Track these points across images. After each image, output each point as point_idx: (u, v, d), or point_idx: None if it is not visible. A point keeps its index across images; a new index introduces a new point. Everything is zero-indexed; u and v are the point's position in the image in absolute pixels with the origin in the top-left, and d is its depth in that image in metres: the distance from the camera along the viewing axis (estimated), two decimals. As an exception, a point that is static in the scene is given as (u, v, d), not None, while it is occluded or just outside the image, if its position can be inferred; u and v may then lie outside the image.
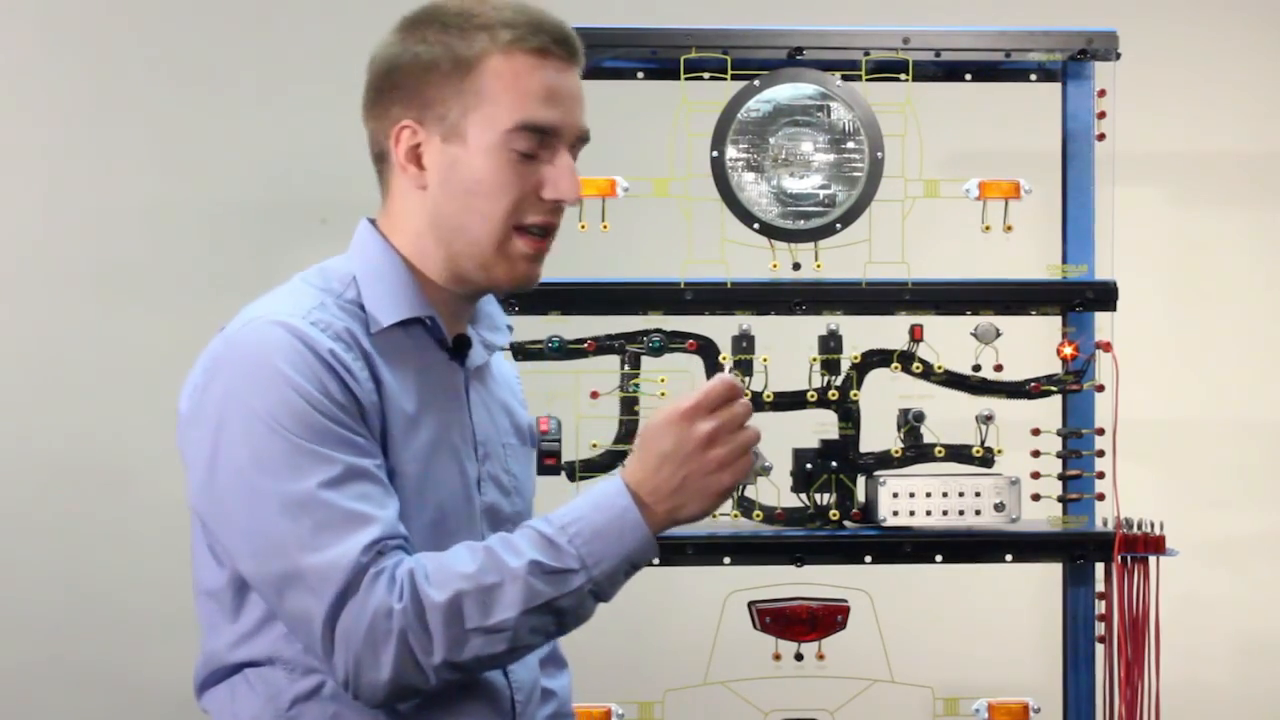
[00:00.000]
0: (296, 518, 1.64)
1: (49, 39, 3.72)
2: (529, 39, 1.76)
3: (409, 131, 1.78)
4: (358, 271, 1.81)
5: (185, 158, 3.72)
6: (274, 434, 1.65)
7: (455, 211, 1.77)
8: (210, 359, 1.77)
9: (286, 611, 1.66)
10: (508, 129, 1.74)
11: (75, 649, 3.66)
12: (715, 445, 1.72)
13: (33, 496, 3.65)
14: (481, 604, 1.63)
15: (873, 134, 2.71)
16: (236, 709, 1.75)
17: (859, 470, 2.72)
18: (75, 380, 3.68)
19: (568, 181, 1.77)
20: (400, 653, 1.63)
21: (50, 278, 3.70)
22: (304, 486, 1.64)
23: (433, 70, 1.76)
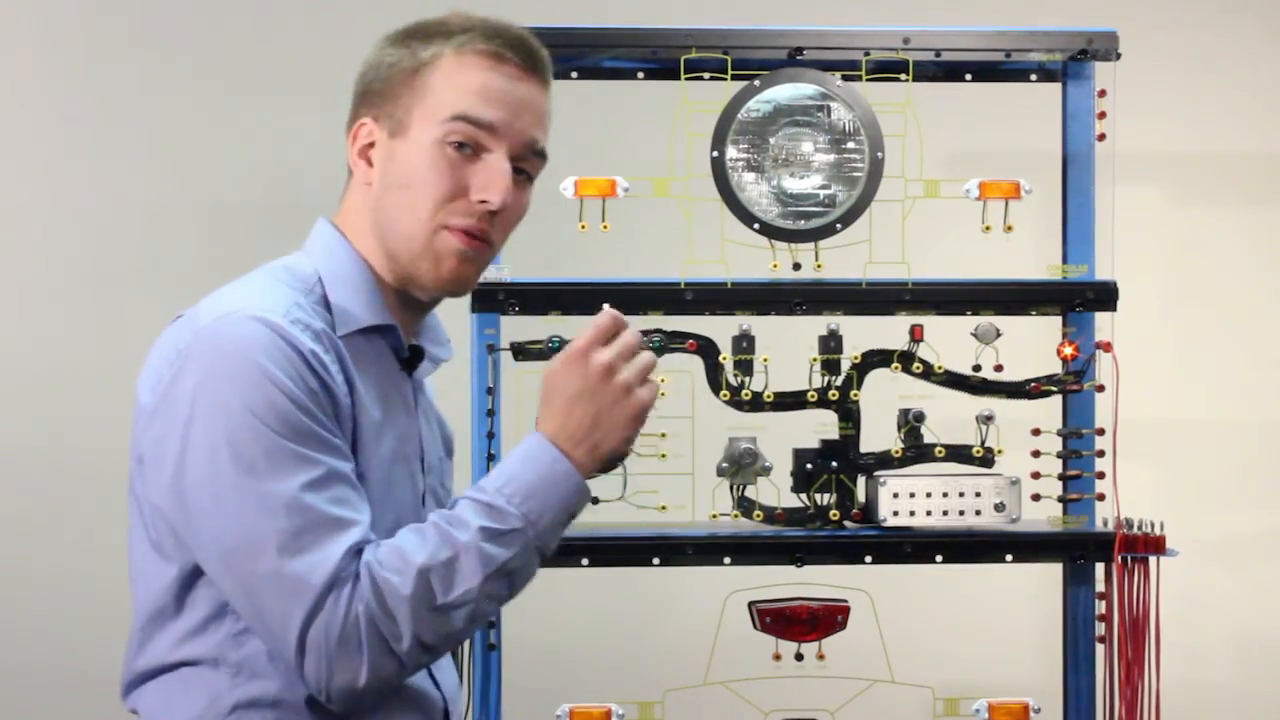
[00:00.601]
0: (278, 519, 1.61)
1: (49, 39, 3.72)
2: (480, 41, 1.78)
3: (365, 130, 1.82)
4: (323, 272, 1.80)
5: (185, 158, 3.72)
6: (256, 432, 1.62)
7: (389, 204, 1.79)
8: (178, 350, 1.72)
9: (256, 615, 1.64)
10: (443, 119, 1.75)
11: (75, 649, 3.66)
12: (617, 373, 1.73)
13: (32, 496, 3.65)
14: (444, 580, 1.64)
15: (873, 134, 2.71)
16: (172, 708, 1.71)
17: (859, 470, 2.72)
18: (74, 380, 3.68)
19: (496, 185, 1.76)
20: (373, 650, 1.62)
21: (50, 277, 3.70)
22: (286, 487, 1.61)
23: (393, 71, 1.80)
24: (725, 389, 2.70)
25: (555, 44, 2.71)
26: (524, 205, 1.83)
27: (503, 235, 1.82)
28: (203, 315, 1.74)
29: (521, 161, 1.79)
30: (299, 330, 1.69)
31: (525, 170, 1.81)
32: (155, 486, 1.69)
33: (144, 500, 1.72)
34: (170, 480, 1.66)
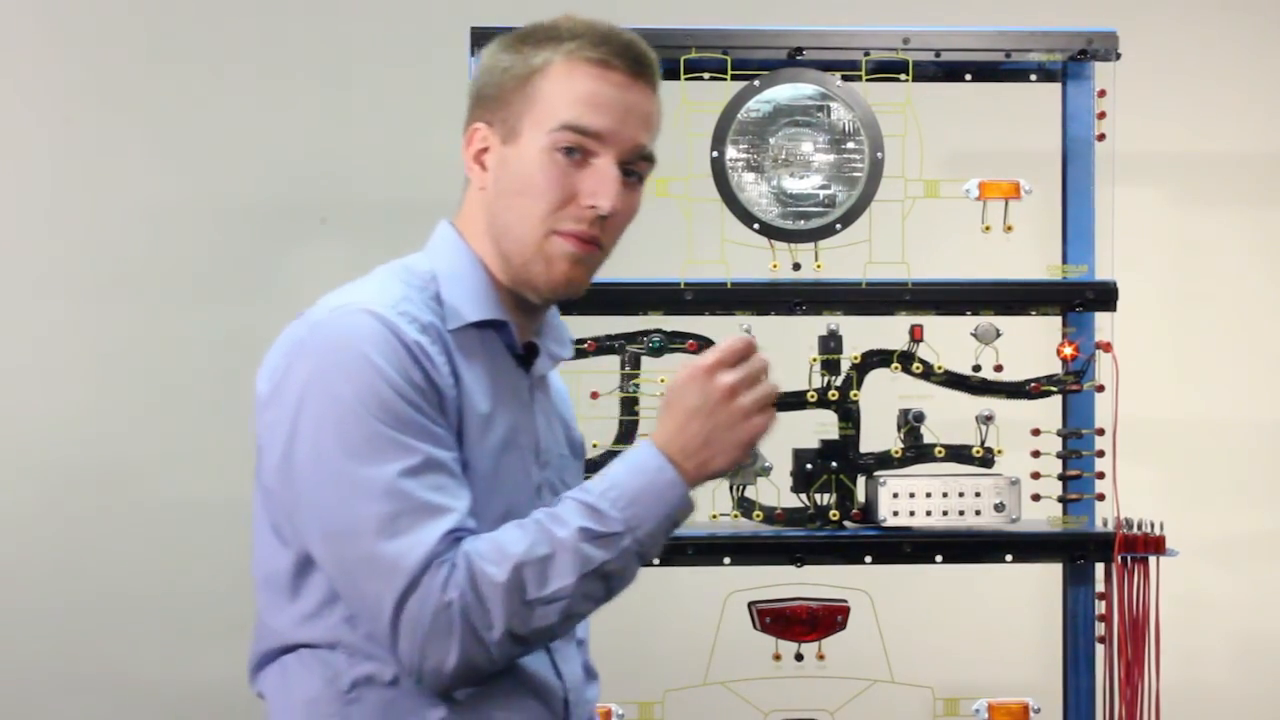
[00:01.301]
0: (375, 503, 1.66)
1: (49, 38, 3.72)
2: (590, 49, 1.81)
3: (479, 135, 1.85)
4: (439, 270, 1.84)
5: (185, 158, 3.72)
6: (358, 419, 1.68)
7: (503, 210, 1.83)
8: (292, 343, 1.79)
9: (355, 596, 1.69)
10: (552, 129, 1.79)
11: (75, 649, 3.66)
12: (738, 396, 1.75)
13: (33, 496, 3.65)
14: (538, 575, 1.68)
15: (873, 134, 2.71)
16: (291, 688, 1.76)
17: (859, 470, 2.72)
18: (74, 380, 3.68)
19: (605, 190, 1.79)
20: (464, 636, 1.66)
21: (50, 277, 3.70)
22: (385, 472, 1.66)
23: (505, 77, 1.83)
24: (725, 389, 2.69)
25: (555, 44, 2.73)
26: (634, 207, 1.87)
27: (613, 238, 1.86)
28: (319, 310, 1.81)
29: (630, 165, 1.83)
30: (406, 323, 1.74)
31: (635, 172, 1.85)
32: (268, 472, 1.74)
33: (264, 486, 1.78)
34: (280, 465, 1.72)
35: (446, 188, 3.23)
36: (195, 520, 3.68)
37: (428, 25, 3.71)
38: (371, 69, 3.76)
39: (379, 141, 3.74)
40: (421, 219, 3.80)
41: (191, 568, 3.68)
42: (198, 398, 3.70)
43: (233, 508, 3.66)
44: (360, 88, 3.75)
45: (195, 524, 3.68)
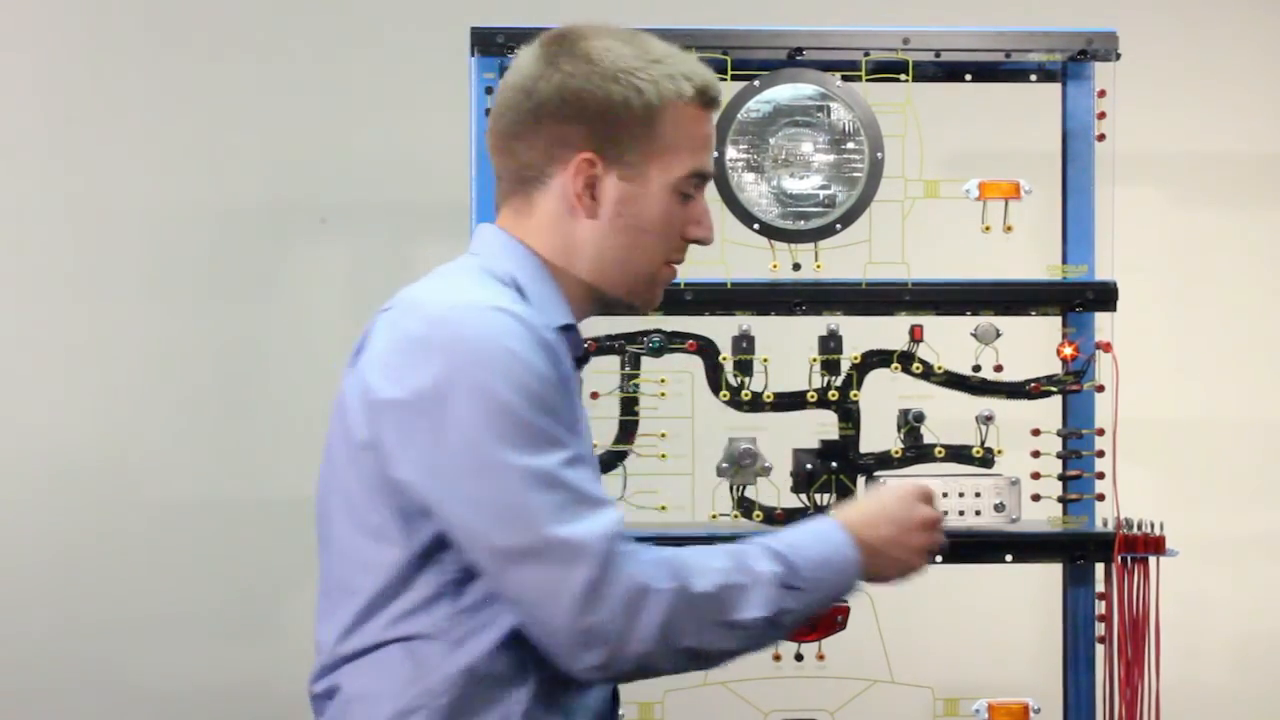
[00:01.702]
0: (544, 491, 1.68)
1: (49, 38, 3.72)
2: (703, 94, 1.88)
3: (588, 163, 1.84)
4: (512, 273, 1.85)
5: (185, 158, 3.72)
6: (513, 412, 1.69)
7: (623, 244, 1.87)
8: (411, 340, 1.75)
9: (519, 583, 1.69)
10: (682, 175, 1.87)
11: (75, 649, 3.66)
12: (925, 531, 1.91)
13: (33, 496, 3.65)
14: (737, 600, 1.73)
15: (873, 134, 2.71)
16: (380, 683, 1.76)
17: (859, 470, 2.72)
18: (75, 380, 3.68)
19: (709, 224, 1.92)
20: (658, 631, 1.69)
21: (49, 277, 3.69)
22: (547, 463, 1.68)
23: (623, 111, 1.84)
24: (725, 389, 2.70)
25: (555, 44, 2.73)
26: None
27: None
28: (429, 305, 1.77)
29: None
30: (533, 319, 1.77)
31: None
32: (402, 466, 1.72)
33: (361, 487, 1.76)
34: (426, 463, 1.70)
35: (447, 188, 3.25)
36: (195, 520, 3.68)
37: (428, 25, 3.71)
38: (372, 69, 3.76)
39: (379, 141, 3.74)
40: (421, 219, 3.82)
41: (191, 568, 3.68)
42: (198, 397, 3.70)
43: (233, 508, 3.69)
44: (360, 88, 3.75)
45: (195, 524, 3.68)
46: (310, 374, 3.69)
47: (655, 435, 2.67)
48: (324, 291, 3.73)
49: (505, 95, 1.88)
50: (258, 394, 3.72)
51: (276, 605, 3.69)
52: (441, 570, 1.74)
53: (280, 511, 3.67)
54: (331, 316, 3.71)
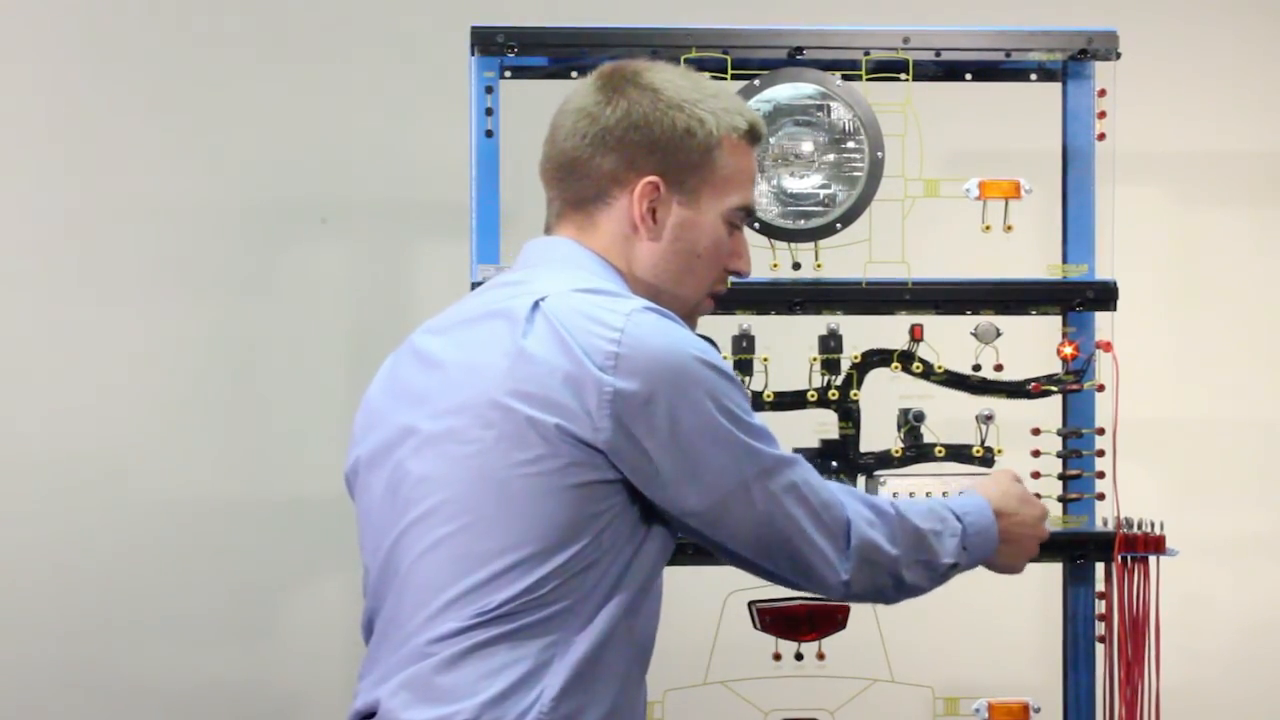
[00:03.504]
0: (773, 454, 1.92)
1: (50, 38, 3.72)
2: (753, 130, 1.99)
3: (653, 186, 1.93)
4: (610, 289, 1.91)
5: (185, 158, 3.72)
6: (729, 396, 1.91)
7: (678, 268, 1.97)
8: (614, 328, 1.82)
9: (787, 533, 1.90)
10: (734, 207, 1.98)
11: (75, 649, 3.66)
12: (1045, 521, 2.19)
13: (33, 496, 3.65)
14: (935, 546, 2.00)
15: (873, 134, 2.71)
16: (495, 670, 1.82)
17: (859, 470, 2.72)
18: (74, 379, 3.68)
19: (749, 257, 2.05)
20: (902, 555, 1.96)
21: (49, 277, 3.70)
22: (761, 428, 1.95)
23: (687, 140, 1.93)
24: (725, 389, 2.69)
25: (555, 44, 2.73)
26: None
27: None
28: (622, 304, 1.85)
29: None
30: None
31: None
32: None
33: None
34: (665, 438, 1.81)
35: (447, 188, 3.25)
36: (195, 520, 3.68)
37: (428, 25, 3.71)
38: (372, 69, 3.76)
39: (379, 142, 3.74)
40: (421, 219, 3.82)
41: (191, 568, 3.68)
42: (197, 397, 3.70)
43: (233, 508, 3.69)
44: (360, 88, 3.75)
45: (195, 524, 3.68)
46: (310, 374, 3.70)
47: (655, 435, 2.66)
48: (324, 291, 3.73)
49: (567, 120, 1.96)
50: (257, 394, 3.72)
51: (276, 605, 3.69)
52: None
53: (280, 511, 3.67)
54: (331, 316, 3.71)
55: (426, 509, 1.85)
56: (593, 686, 1.82)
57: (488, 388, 1.82)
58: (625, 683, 1.86)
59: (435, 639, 1.82)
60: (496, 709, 1.78)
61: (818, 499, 1.91)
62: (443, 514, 1.84)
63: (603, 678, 1.83)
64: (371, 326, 3.68)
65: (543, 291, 1.85)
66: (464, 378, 1.85)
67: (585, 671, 1.81)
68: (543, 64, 2.76)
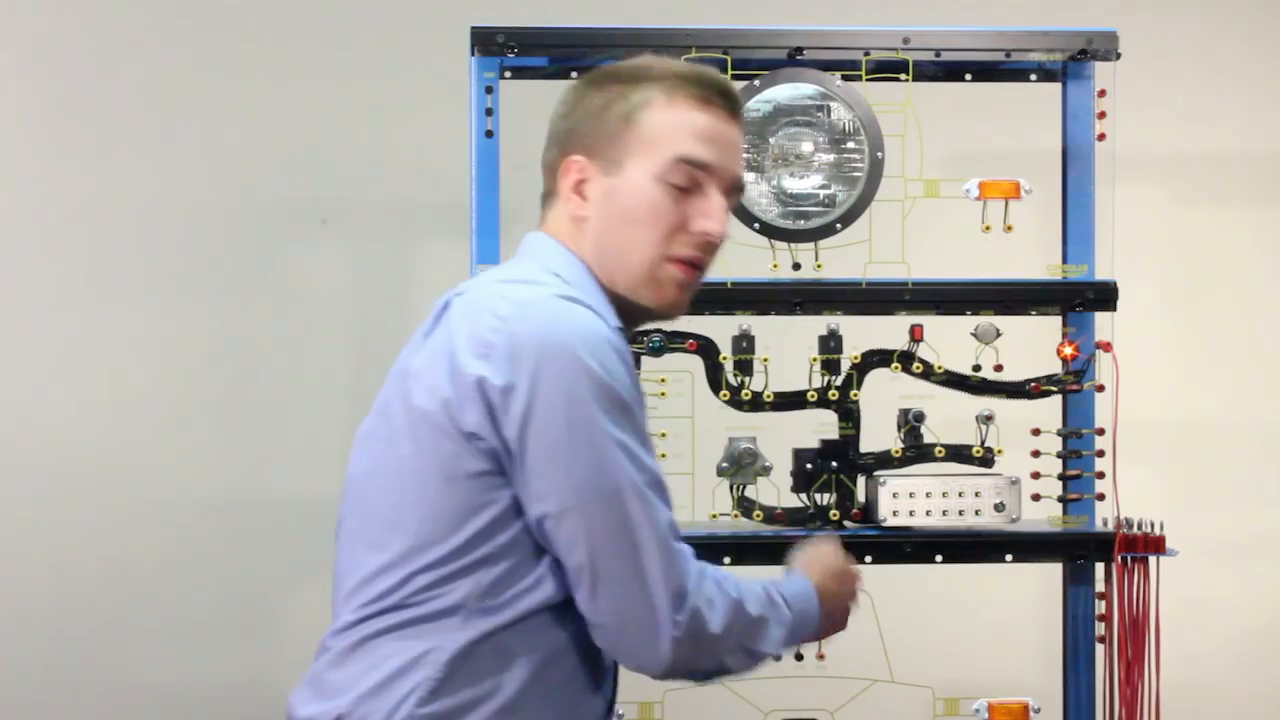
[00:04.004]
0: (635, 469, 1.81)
1: (49, 38, 3.72)
2: (692, 86, 1.92)
3: (577, 166, 1.92)
4: (566, 277, 1.89)
5: (186, 158, 3.72)
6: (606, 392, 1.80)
7: (616, 238, 1.91)
8: (498, 318, 1.80)
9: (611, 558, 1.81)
10: (666, 161, 1.89)
11: (75, 649, 3.66)
12: (855, 583, 2.10)
13: (33, 496, 3.65)
14: (763, 635, 1.90)
15: (873, 134, 2.71)
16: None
17: (859, 470, 2.72)
18: (75, 379, 3.68)
19: (717, 217, 1.91)
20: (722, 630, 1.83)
21: (50, 277, 3.70)
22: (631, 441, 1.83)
23: (605, 114, 1.92)
24: (725, 389, 2.70)
25: (555, 44, 2.73)
26: (728, 234, 1.98)
27: (711, 263, 1.96)
28: (526, 291, 1.83)
29: (728, 195, 1.94)
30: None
31: (730, 205, 1.96)
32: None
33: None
34: (520, 430, 1.78)
35: (447, 188, 3.25)
36: (195, 520, 3.68)
37: (428, 25, 3.71)
38: (372, 69, 3.76)
39: (379, 141, 3.74)
40: (421, 219, 3.82)
41: (191, 568, 3.67)
42: (197, 397, 3.70)
43: (233, 507, 3.69)
44: (360, 88, 3.75)
45: (195, 524, 3.68)
46: (310, 374, 3.70)
47: (655, 435, 2.67)
48: (324, 291, 3.73)
49: None
50: (257, 394, 3.72)
51: (276, 605, 3.69)
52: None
53: (281, 511, 3.67)
54: (331, 316, 3.71)
55: (348, 507, 1.91)
56: (478, 684, 1.78)
57: (398, 385, 1.86)
58: (539, 686, 1.81)
59: (333, 633, 1.85)
60: (369, 702, 1.78)
61: (667, 545, 1.77)
62: (353, 509, 1.90)
63: (491, 677, 1.79)
64: (371, 326, 3.69)
65: (468, 288, 1.89)
66: (390, 379, 1.90)
67: (465, 668, 1.78)
68: (543, 64, 2.76)
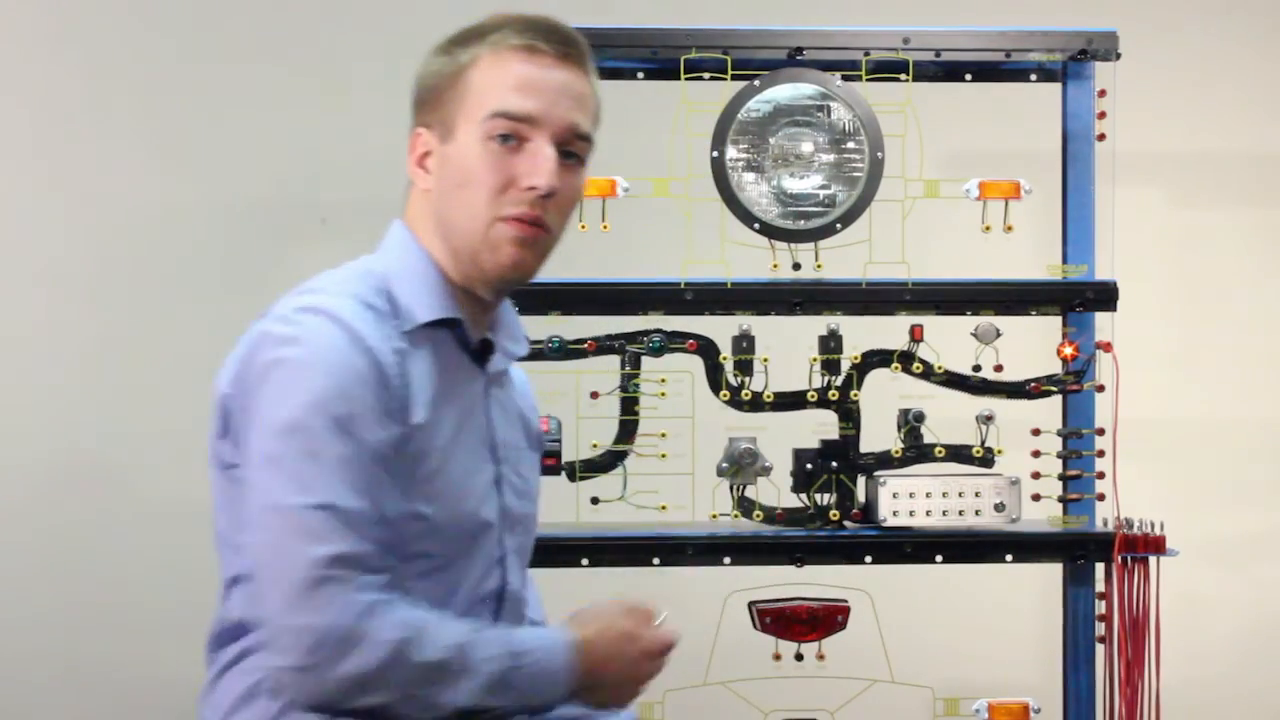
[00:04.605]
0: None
1: (49, 37, 3.72)
2: (515, 37, 1.84)
3: (421, 139, 1.90)
4: (391, 270, 1.87)
5: (185, 158, 3.72)
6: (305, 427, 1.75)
7: (448, 206, 1.86)
8: (251, 337, 1.84)
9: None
10: (483, 118, 1.82)
11: (75, 649, 3.66)
12: (650, 662, 1.86)
13: (33, 496, 3.65)
14: (449, 682, 1.72)
15: (873, 134, 2.71)
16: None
17: (859, 470, 2.72)
18: (75, 380, 3.68)
19: (541, 170, 1.81)
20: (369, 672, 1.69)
21: (49, 277, 3.69)
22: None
23: (438, 79, 1.87)
24: (725, 389, 2.70)
25: (555, 44, 2.73)
26: (577, 188, 1.89)
27: (559, 219, 1.87)
28: (284, 304, 1.82)
29: (567, 145, 1.85)
30: (365, 327, 1.77)
31: (574, 153, 1.86)
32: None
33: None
34: (238, 441, 1.83)
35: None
36: (195, 520, 3.67)
37: (428, 25, 3.70)
38: (371, 69, 3.75)
39: (379, 142, 3.73)
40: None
41: (191, 568, 3.67)
42: (198, 397, 3.69)
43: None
44: (360, 88, 3.75)
45: (195, 524, 3.67)
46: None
47: (655, 435, 2.67)
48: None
49: None
50: (258, 394, 3.71)
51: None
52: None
53: (280, 511, 3.66)
54: (331, 316, 3.71)
55: None
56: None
57: None
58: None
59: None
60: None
61: (310, 575, 1.69)
62: None
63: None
64: (371, 326, 3.68)
65: None
66: None
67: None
68: (543, 64, 2.75)
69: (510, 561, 1.90)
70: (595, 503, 2.69)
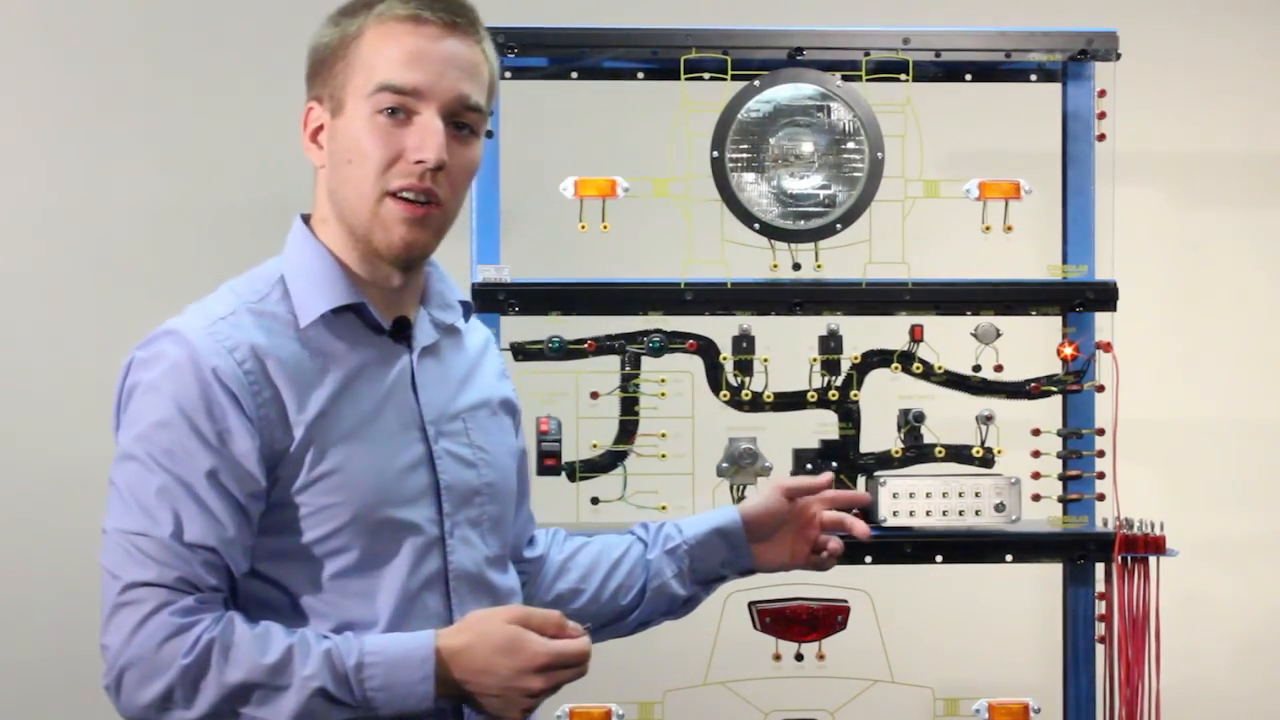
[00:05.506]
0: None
1: (48, 38, 3.72)
2: (400, 6, 1.79)
3: (313, 114, 1.85)
4: (285, 270, 1.87)
5: (185, 158, 3.72)
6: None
7: (338, 183, 1.83)
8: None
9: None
10: (370, 92, 1.78)
11: (75, 649, 3.65)
12: (536, 675, 1.75)
13: (32, 496, 3.65)
14: (263, 700, 1.71)
15: (873, 134, 2.71)
16: None
17: (859, 470, 2.72)
18: (75, 380, 3.67)
19: (429, 143, 1.77)
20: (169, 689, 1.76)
21: (49, 277, 3.69)
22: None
23: (326, 52, 1.82)
24: (725, 389, 2.70)
25: (555, 44, 2.73)
26: (471, 160, 1.84)
27: (453, 193, 1.82)
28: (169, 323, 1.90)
29: (458, 117, 1.81)
30: (210, 341, 1.81)
31: (467, 125, 1.82)
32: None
33: None
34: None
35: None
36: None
37: (428, 25, 3.71)
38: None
39: (379, 141, 3.74)
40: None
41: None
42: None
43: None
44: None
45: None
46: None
47: (655, 435, 2.67)
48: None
49: None
50: (258, 394, 3.71)
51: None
52: None
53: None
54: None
55: None
56: None
57: None
58: None
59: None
60: None
61: (117, 598, 1.88)
62: None
63: None
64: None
65: None
66: None
67: None
68: (543, 64, 2.76)
69: (459, 538, 1.85)
70: (595, 503, 2.69)
